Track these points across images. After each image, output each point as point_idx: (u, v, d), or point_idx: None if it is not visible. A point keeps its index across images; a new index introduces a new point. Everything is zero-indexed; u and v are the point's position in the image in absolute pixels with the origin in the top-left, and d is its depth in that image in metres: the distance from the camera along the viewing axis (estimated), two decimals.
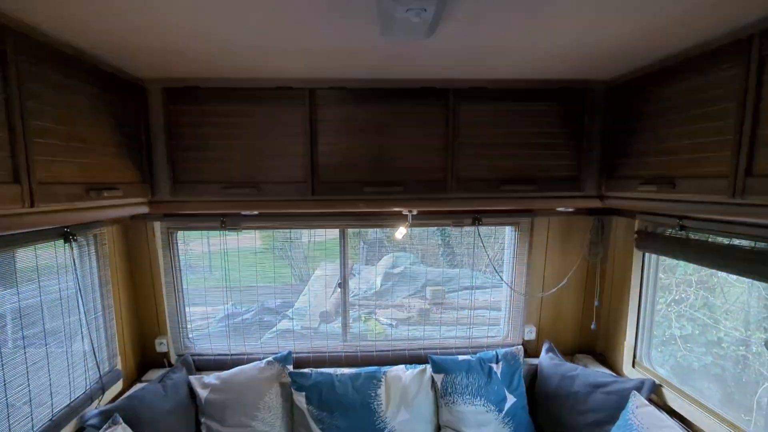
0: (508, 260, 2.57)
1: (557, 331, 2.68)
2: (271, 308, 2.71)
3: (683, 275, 2.87)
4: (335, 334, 2.63)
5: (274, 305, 2.72)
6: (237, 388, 2.22)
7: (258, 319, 2.64)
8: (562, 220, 2.51)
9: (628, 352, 2.34)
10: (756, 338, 2.64)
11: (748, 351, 2.69)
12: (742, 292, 2.79)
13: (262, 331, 2.63)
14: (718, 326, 2.85)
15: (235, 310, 2.68)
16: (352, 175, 1.85)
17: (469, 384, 2.26)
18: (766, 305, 2.71)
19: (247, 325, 2.60)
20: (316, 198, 1.86)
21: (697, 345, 2.78)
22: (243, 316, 2.69)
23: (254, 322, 2.62)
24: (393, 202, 1.89)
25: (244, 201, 1.85)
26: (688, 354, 2.62)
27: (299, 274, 2.92)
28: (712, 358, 2.75)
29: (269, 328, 2.69)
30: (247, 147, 1.80)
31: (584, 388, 2.22)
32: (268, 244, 2.60)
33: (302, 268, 2.72)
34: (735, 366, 2.70)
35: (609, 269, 2.52)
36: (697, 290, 2.89)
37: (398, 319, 2.83)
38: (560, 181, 1.91)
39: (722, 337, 2.83)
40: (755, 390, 2.53)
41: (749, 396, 2.56)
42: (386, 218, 2.35)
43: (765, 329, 2.65)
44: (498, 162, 1.87)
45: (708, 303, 2.87)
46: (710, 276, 2.89)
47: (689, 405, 1.91)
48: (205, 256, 2.50)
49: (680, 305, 2.90)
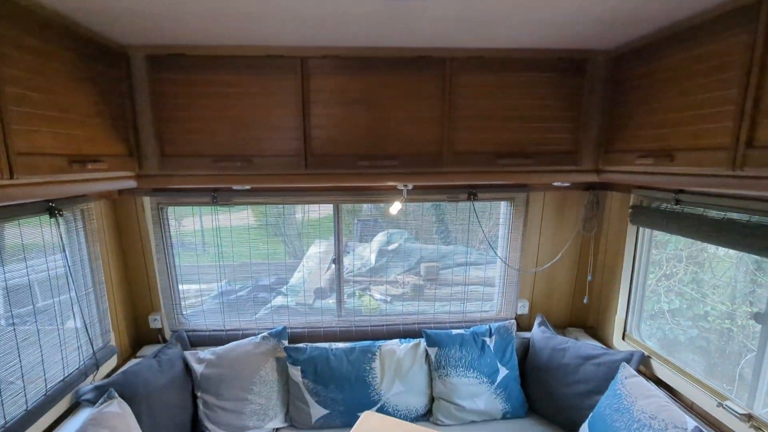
0: (502, 236, 2.57)
1: (550, 305, 2.71)
2: (266, 285, 2.70)
3: (674, 251, 2.91)
4: (330, 310, 2.64)
5: (268, 282, 2.71)
6: (232, 362, 2.23)
7: (253, 296, 2.64)
8: (557, 195, 2.50)
9: (619, 325, 2.38)
10: (742, 312, 2.70)
11: (733, 324, 2.75)
12: (729, 267, 2.84)
13: (257, 307, 2.63)
14: (705, 300, 2.91)
15: (229, 287, 2.67)
16: (345, 148, 1.80)
17: (462, 357, 2.29)
18: (752, 279, 2.77)
19: (242, 301, 2.59)
20: (309, 172, 1.82)
21: (684, 318, 2.85)
22: (238, 293, 2.68)
23: (249, 298, 2.61)
24: (388, 176, 1.86)
25: (235, 175, 1.80)
26: (675, 327, 2.68)
27: (293, 251, 2.91)
28: (698, 331, 2.82)
29: (264, 305, 2.69)
30: (237, 119, 1.74)
31: (574, 360, 2.27)
32: (261, 221, 2.56)
33: (296, 245, 2.70)
34: (719, 339, 2.78)
35: (602, 244, 2.53)
36: (687, 265, 2.93)
37: (393, 295, 2.85)
38: (557, 155, 1.88)
39: (708, 310, 2.89)
40: (738, 361, 2.61)
41: (732, 367, 2.64)
42: (381, 193, 2.33)
43: (750, 303, 2.71)
44: (495, 135, 1.84)
45: (696, 278, 2.92)
46: (700, 251, 2.93)
47: (676, 375, 1.96)
48: (198, 233, 2.46)
49: (670, 280, 2.94)
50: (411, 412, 2.26)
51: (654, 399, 1.81)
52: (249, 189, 2.13)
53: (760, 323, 1.69)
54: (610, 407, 1.92)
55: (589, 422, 2.00)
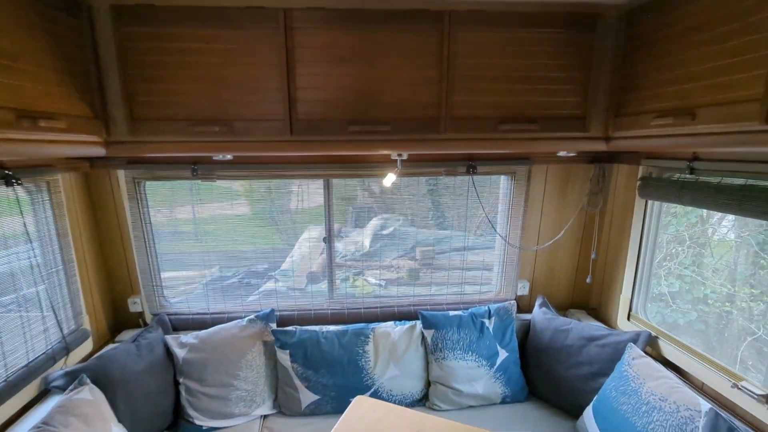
0: (502, 212, 2.44)
1: (551, 286, 2.60)
2: (258, 272, 2.55)
3: (675, 233, 2.80)
4: (321, 293, 2.51)
5: (260, 269, 2.57)
6: (217, 346, 2.10)
7: (245, 282, 2.48)
8: (561, 168, 2.37)
9: (624, 304, 2.27)
10: (743, 294, 2.61)
11: (733, 307, 2.67)
12: (728, 250, 2.75)
13: (248, 291, 2.48)
14: (705, 283, 2.82)
15: (220, 274, 2.52)
16: (334, 112, 1.65)
17: (460, 339, 2.18)
18: (753, 262, 2.67)
19: (234, 287, 2.44)
20: (295, 139, 1.66)
21: (683, 302, 2.76)
22: (231, 279, 2.54)
23: (240, 284, 2.46)
24: (380, 144, 1.71)
25: (214, 142, 1.64)
26: (675, 310, 2.59)
27: (287, 238, 2.77)
28: (697, 314, 2.74)
29: (256, 289, 2.54)
30: (214, 78, 1.58)
31: (578, 342, 2.16)
32: (255, 210, 2.41)
33: (290, 233, 2.57)
34: (718, 322, 2.69)
35: (606, 221, 2.42)
36: (690, 247, 2.83)
37: (387, 279, 2.72)
38: (564, 121, 1.74)
39: (708, 293, 2.81)
40: (737, 344, 2.53)
41: (731, 350, 2.56)
42: (373, 165, 2.18)
43: (751, 285, 2.63)
44: (497, 98, 1.69)
45: (697, 260, 2.83)
46: (702, 233, 2.83)
47: (685, 355, 1.86)
48: (191, 222, 2.30)
49: (670, 262, 2.85)
50: (406, 396, 2.15)
51: (664, 380, 1.71)
52: (231, 160, 1.97)
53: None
54: (617, 389, 1.82)
55: (594, 405, 1.90)
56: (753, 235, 2.55)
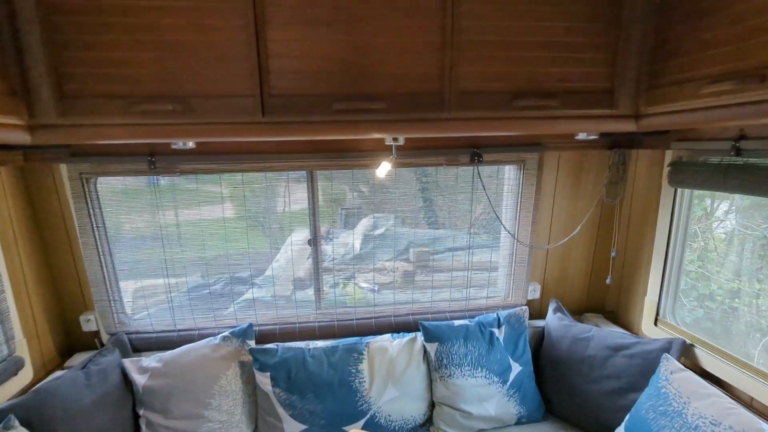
0: (508, 206, 2.17)
1: (563, 288, 2.34)
2: (236, 280, 2.24)
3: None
4: (307, 302, 2.20)
5: (239, 277, 2.26)
6: (184, 370, 1.78)
7: (219, 293, 2.16)
8: (574, 156, 2.11)
9: (650, 308, 2.01)
10: (750, 290, 2.41)
11: (741, 303, 2.47)
12: (729, 243, 2.55)
13: (221, 303, 2.16)
14: (711, 279, 2.61)
15: (191, 285, 2.19)
16: (316, 86, 1.35)
17: (467, 353, 1.89)
18: (761, 255, 2.48)
19: (204, 299, 2.12)
20: (268, 120, 1.36)
21: (689, 299, 2.55)
22: (201, 291, 2.21)
23: (212, 296, 2.13)
24: (372, 126, 1.42)
25: (167, 125, 1.33)
26: (681, 308, 2.35)
27: (269, 241, 2.46)
28: (704, 311, 2.53)
29: (230, 301, 2.21)
30: (164, 44, 1.27)
31: (601, 352, 1.90)
32: (232, 209, 2.10)
33: (273, 235, 2.27)
34: (725, 319, 2.49)
35: (625, 214, 2.16)
36: (702, 240, 2.62)
37: (380, 284, 2.43)
38: (588, 96, 1.48)
39: (715, 289, 2.60)
40: (746, 342, 2.31)
41: (739, 348, 2.34)
42: (364, 154, 1.88)
43: (758, 280, 2.43)
44: (510, 68, 1.42)
45: (702, 255, 2.62)
46: (707, 227, 2.62)
47: (727, 365, 1.60)
48: (155, 224, 1.97)
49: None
50: (407, 421, 1.86)
51: (713, 399, 1.45)
52: (194, 148, 1.66)
53: None
54: (654, 410, 1.55)
55: (627, 427, 1.63)
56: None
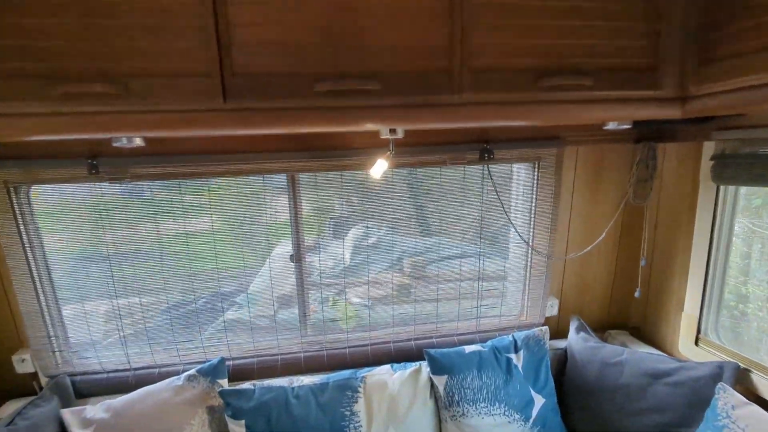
0: (518, 211, 1.89)
1: (583, 302, 2.07)
2: (207, 303, 1.90)
3: None
4: (290, 328, 1.88)
5: (211, 300, 1.93)
6: (139, 421, 1.45)
7: (185, 322, 1.81)
8: (594, 152, 1.86)
9: (688, 324, 1.74)
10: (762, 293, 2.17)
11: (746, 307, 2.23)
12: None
13: (187, 334, 1.82)
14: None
15: (151, 312, 1.85)
16: (291, 61, 1.06)
17: (483, 386, 1.60)
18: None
19: (165, 329, 1.78)
20: (231, 107, 1.07)
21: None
22: (161, 318, 1.87)
23: (172, 326, 1.79)
24: (365, 113, 1.13)
25: (99, 113, 1.03)
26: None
27: (249, 259, 2.14)
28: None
29: (192, 331, 1.86)
30: (91, 8, 0.97)
31: (637, 379, 1.62)
32: (209, 226, 1.78)
33: (254, 254, 1.95)
34: (749, 327, 2.24)
35: (652, 216, 1.91)
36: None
37: (375, 298, 2.12)
38: (625, 74, 1.21)
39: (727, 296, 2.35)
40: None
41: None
42: (356, 152, 1.59)
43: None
44: (533, 39, 1.15)
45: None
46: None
47: None
48: (105, 240, 1.64)
49: None
50: None
51: None
52: (142, 146, 1.33)
53: None
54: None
55: None
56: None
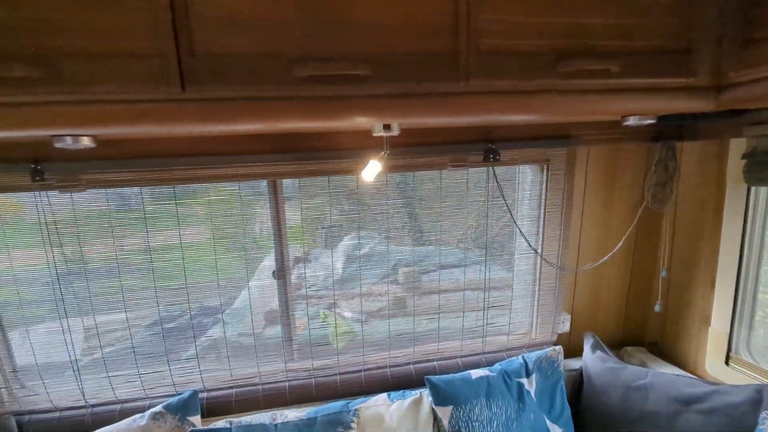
0: (524, 218, 1.72)
1: (596, 316, 1.90)
2: (180, 325, 1.69)
3: None
4: (274, 351, 1.68)
5: (183, 321, 1.71)
6: None
7: (152, 350, 1.59)
8: (606, 153, 1.70)
9: (717, 341, 1.57)
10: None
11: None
12: None
13: (154, 361, 1.60)
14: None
15: (113, 337, 1.62)
16: (265, 40, 0.88)
17: (493, 418, 1.40)
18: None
19: (126, 357, 1.56)
20: (191, 97, 0.88)
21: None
22: (124, 345, 1.64)
23: (151, 351, 1.57)
24: (354, 103, 0.95)
25: (24, 104, 0.83)
26: None
27: (227, 275, 1.92)
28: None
29: (159, 359, 1.63)
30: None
31: (666, 406, 1.44)
32: (176, 239, 1.57)
33: (234, 268, 1.75)
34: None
35: (668, 223, 1.75)
36: None
37: (369, 312, 1.93)
38: (655, 57, 1.05)
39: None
40: None
41: None
42: (345, 154, 1.40)
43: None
44: (549, 18, 0.98)
45: None
46: None
47: None
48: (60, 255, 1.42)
49: None
50: None
51: None
52: (94, 149, 1.13)
53: None
54: None
55: None
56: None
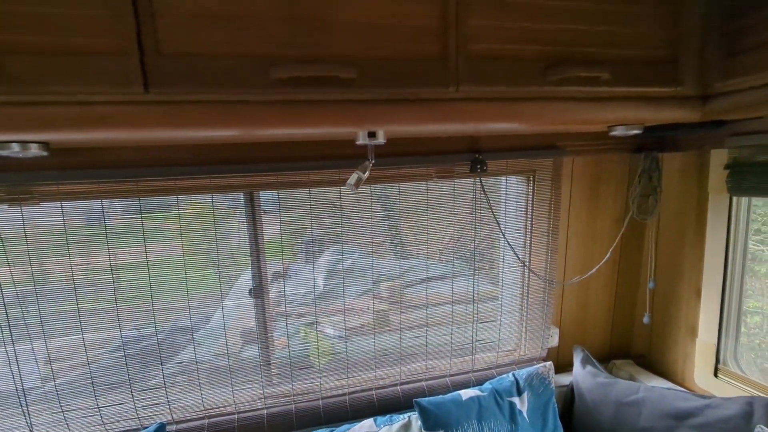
0: (509, 230, 1.68)
1: (583, 330, 1.87)
2: (146, 347, 1.55)
3: None
4: (250, 376, 1.56)
5: (150, 343, 1.57)
6: None
7: (122, 374, 1.44)
8: (589, 164, 1.69)
9: (704, 353, 1.56)
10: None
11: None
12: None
13: (116, 390, 1.46)
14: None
15: (69, 361, 1.47)
16: (239, 38, 0.81)
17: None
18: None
19: (83, 385, 1.41)
20: (156, 99, 0.80)
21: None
22: (80, 372, 1.48)
23: (112, 381, 1.42)
24: (337, 109, 0.89)
25: None
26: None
27: (197, 292, 1.79)
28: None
29: (136, 384, 1.50)
30: None
31: (659, 421, 1.40)
32: (157, 255, 1.44)
33: (205, 285, 1.63)
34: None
35: (652, 234, 1.75)
36: None
37: (352, 329, 1.84)
38: (642, 66, 1.04)
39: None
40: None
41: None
42: (326, 164, 1.33)
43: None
44: (540, 24, 0.96)
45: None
46: None
47: None
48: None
49: None
50: None
51: None
52: (46, 157, 1.02)
53: None
54: None
55: None
56: None
